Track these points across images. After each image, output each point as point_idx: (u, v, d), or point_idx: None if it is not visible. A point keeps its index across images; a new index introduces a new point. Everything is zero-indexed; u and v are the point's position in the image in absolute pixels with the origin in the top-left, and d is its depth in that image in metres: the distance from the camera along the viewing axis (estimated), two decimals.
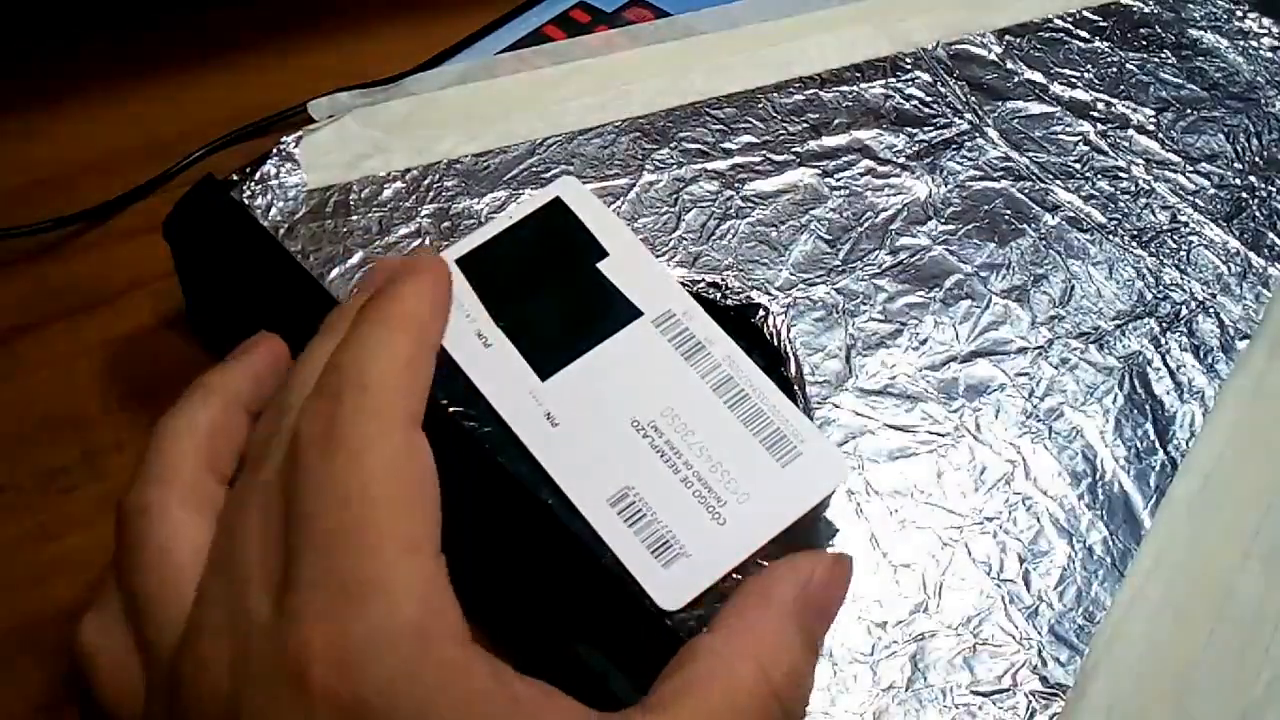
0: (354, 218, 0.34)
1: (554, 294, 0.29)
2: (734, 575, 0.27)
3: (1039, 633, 0.28)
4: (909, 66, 0.40)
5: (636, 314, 0.29)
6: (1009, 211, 0.37)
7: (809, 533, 0.29)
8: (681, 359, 0.28)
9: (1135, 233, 0.37)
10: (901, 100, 0.39)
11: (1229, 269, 0.36)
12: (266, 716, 0.21)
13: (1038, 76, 0.41)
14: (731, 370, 0.28)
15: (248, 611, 0.22)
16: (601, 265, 0.30)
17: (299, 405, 0.24)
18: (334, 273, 0.32)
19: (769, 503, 0.27)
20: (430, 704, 0.20)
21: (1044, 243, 0.36)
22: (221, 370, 0.27)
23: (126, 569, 0.24)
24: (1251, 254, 0.37)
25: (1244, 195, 0.39)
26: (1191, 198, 0.38)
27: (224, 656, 0.22)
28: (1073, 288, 0.35)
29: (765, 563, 0.28)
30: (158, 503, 0.24)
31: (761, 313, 0.33)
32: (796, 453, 0.28)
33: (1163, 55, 0.43)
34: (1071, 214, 0.37)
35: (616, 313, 0.29)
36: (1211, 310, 0.35)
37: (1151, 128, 0.40)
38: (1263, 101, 0.42)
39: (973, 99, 0.40)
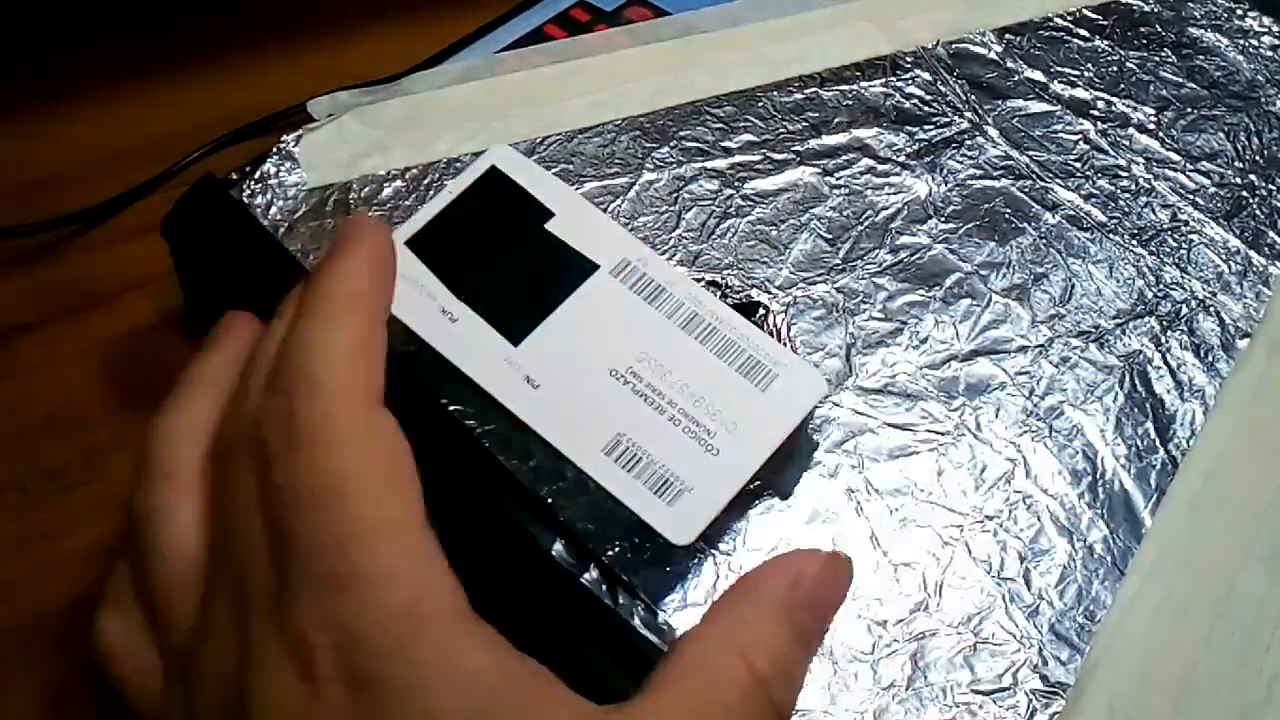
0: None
1: (509, 260, 0.30)
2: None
3: (1040, 631, 0.28)
4: (909, 65, 0.40)
5: (593, 267, 0.29)
6: (1009, 210, 0.37)
7: (795, 451, 0.29)
8: (645, 303, 0.29)
9: (1135, 231, 0.37)
10: (901, 99, 0.39)
11: (1229, 267, 0.36)
12: (276, 705, 0.21)
13: (1038, 75, 0.41)
14: (696, 307, 0.29)
15: (250, 601, 0.22)
16: (549, 226, 0.30)
17: (256, 398, 0.24)
18: None
19: (756, 427, 0.27)
20: (427, 684, 0.21)
21: (1044, 241, 0.36)
22: (206, 358, 0.27)
23: (140, 569, 0.24)
24: (1252, 252, 0.37)
25: (1244, 194, 0.39)
26: (1192, 196, 0.38)
27: (231, 648, 0.22)
28: (1073, 286, 0.35)
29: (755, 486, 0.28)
30: (165, 502, 0.24)
31: (761, 311, 0.33)
32: (773, 375, 0.28)
33: (1163, 54, 0.43)
34: (1072, 212, 0.37)
35: (574, 269, 0.29)
36: (1212, 309, 0.35)
37: (1152, 126, 0.40)
38: (1263, 100, 0.42)
39: (973, 97, 0.40)
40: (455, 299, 0.29)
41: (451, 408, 0.29)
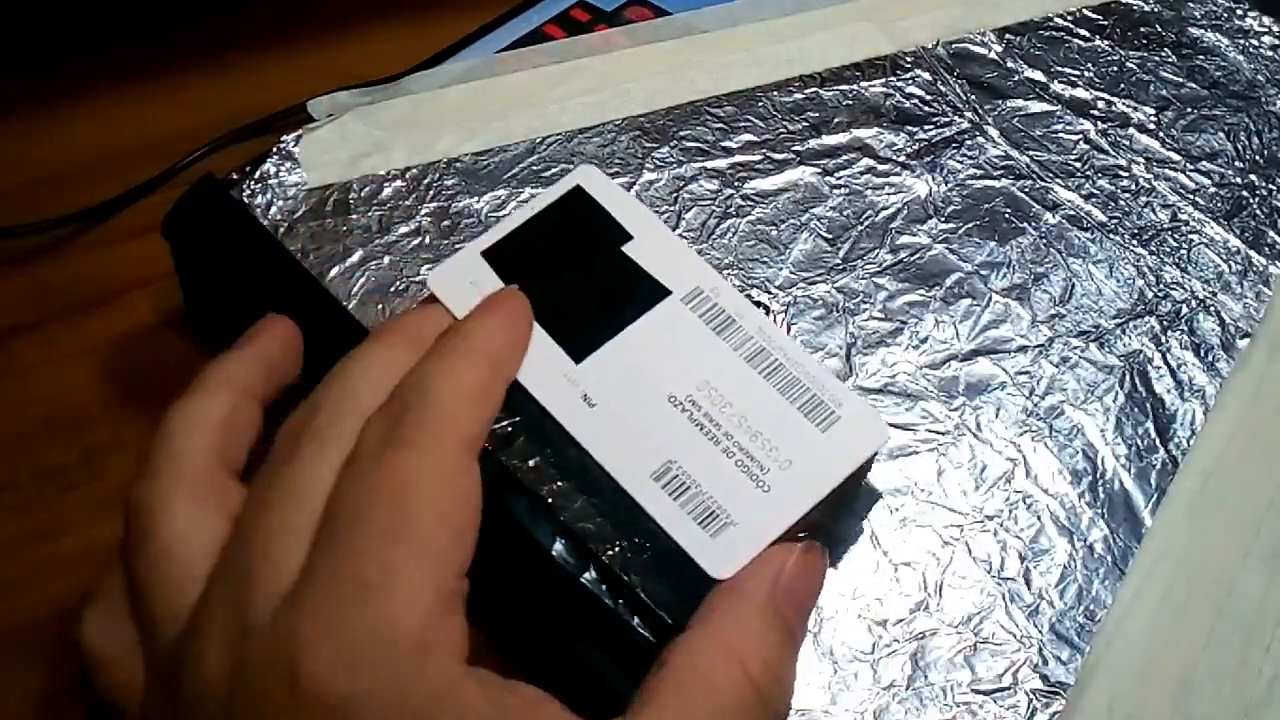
0: (354, 216, 0.34)
1: (581, 279, 0.30)
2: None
3: (1040, 631, 0.28)
4: (909, 65, 0.40)
5: (665, 293, 0.29)
6: (1009, 210, 0.37)
7: (852, 496, 0.29)
8: (713, 333, 0.29)
9: (1136, 231, 0.37)
10: (902, 99, 0.39)
11: (1229, 267, 0.36)
12: (257, 710, 0.21)
13: (1038, 75, 0.41)
14: (764, 341, 0.28)
15: (252, 604, 0.22)
16: (626, 248, 0.30)
17: (340, 408, 0.24)
18: (334, 271, 0.32)
19: (811, 467, 0.27)
20: (422, 711, 0.20)
21: (1044, 241, 0.36)
22: (232, 359, 0.27)
23: (133, 563, 0.24)
24: (1252, 252, 0.37)
25: (1244, 194, 0.38)
26: (1192, 196, 0.38)
27: (225, 649, 0.22)
28: (1073, 286, 0.35)
29: (803, 535, 0.28)
30: (167, 497, 0.24)
31: (761, 311, 0.33)
32: (835, 417, 0.28)
33: (1163, 54, 0.43)
34: (1072, 212, 0.37)
35: (645, 293, 0.29)
36: (1212, 308, 0.35)
37: (1152, 126, 0.40)
38: (1263, 100, 0.42)
39: (973, 97, 0.40)
40: None
41: None
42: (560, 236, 0.30)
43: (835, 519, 0.29)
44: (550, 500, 0.28)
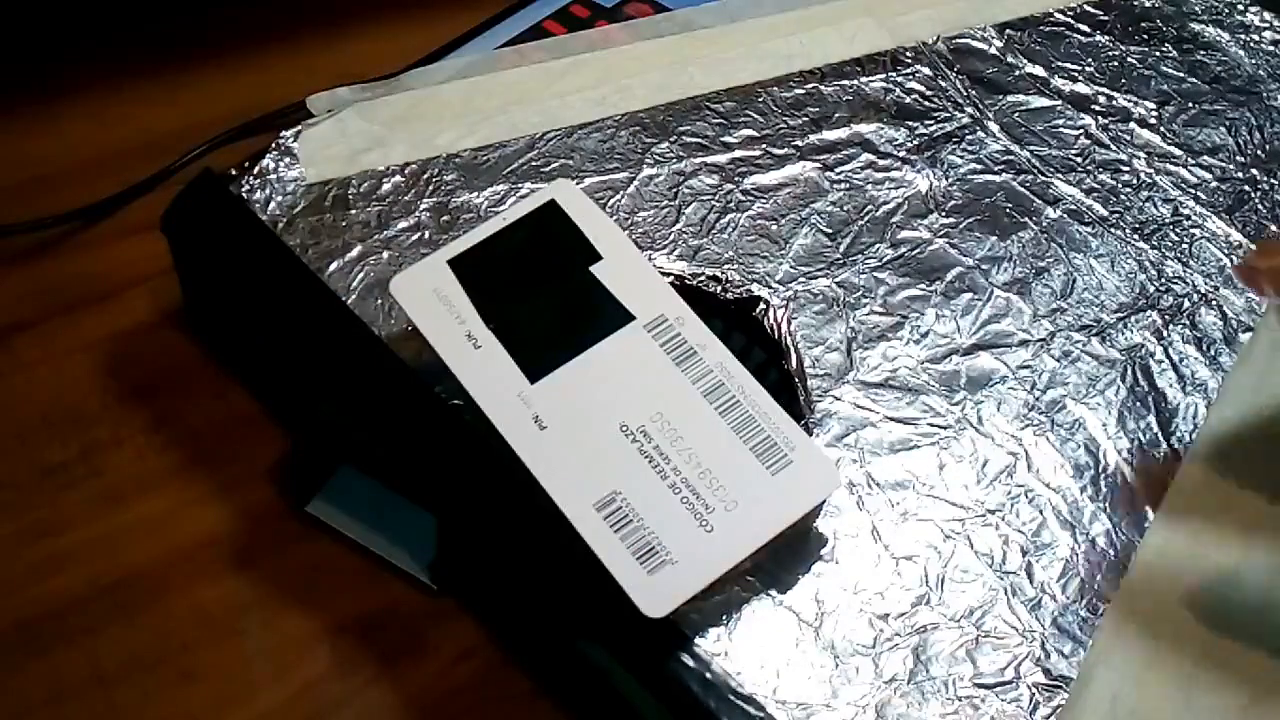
0: (353, 212, 0.34)
1: (546, 296, 0.29)
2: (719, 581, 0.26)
3: (1042, 625, 0.28)
4: (909, 60, 0.40)
5: (629, 318, 0.29)
6: (1010, 205, 0.37)
7: (801, 541, 0.28)
8: (673, 364, 0.28)
9: (1137, 225, 0.37)
10: (902, 94, 0.39)
11: (1232, 261, 0.36)
12: None
13: (1039, 70, 0.41)
14: (723, 376, 0.28)
15: None
16: (595, 269, 0.30)
17: None
18: (332, 266, 0.32)
19: (757, 511, 0.27)
20: None
21: (1045, 236, 0.36)
22: None
23: None
24: (1254, 247, 0.37)
25: (1246, 188, 0.38)
26: (1193, 190, 0.38)
27: None
28: (1074, 280, 0.35)
29: (751, 576, 0.28)
30: None
31: (762, 306, 0.33)
32: (787, 460, 0.27)
33: (1164, 49, 0.43)
34: (1073, 207, 0.37)
35: (608, 316, 0.29)
36: (1214, 302, 0.35)
37: (1153, 121, 0.40)
38: (1264, 95, 0.42)
39: (973, 93, 0.40)
40: (484, 326, 0.28)
41: (453, 402, 0.29)
42: (529, 251, 0.30)
43: (780, 563, 0.28)
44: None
